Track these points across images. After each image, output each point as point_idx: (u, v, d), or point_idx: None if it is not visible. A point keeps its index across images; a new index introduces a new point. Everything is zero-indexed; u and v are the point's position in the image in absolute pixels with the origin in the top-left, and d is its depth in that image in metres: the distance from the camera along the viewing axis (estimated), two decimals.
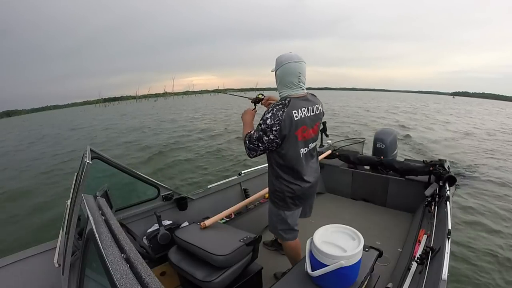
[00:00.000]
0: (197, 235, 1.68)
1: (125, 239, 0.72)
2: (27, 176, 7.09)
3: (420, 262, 1.54)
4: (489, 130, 12.94)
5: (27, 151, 11.15)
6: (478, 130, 12.76)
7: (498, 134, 11.70)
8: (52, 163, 8.31)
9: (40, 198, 5.26)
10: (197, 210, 2.20)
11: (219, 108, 26.75)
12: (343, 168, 3.24)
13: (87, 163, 1.19)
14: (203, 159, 7.50)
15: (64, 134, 15.71)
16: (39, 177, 6.90)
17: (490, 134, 11.62)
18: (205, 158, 7.59)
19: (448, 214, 1.69)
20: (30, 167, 8.08)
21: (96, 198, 1.18)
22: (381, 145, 3.09)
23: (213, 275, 1.42)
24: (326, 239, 1.20)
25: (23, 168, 8.02)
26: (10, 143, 14.19)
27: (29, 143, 13.48)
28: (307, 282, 1.21)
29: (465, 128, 13.37)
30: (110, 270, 0.54)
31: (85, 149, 1.45)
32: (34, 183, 6.31)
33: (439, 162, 2.52)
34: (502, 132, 12.53)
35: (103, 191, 1.65)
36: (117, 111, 35.45)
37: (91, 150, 1.47)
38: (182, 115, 21.58)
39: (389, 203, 2.90)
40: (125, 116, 24.94)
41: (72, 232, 1.17)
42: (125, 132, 13.83)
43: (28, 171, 7.59)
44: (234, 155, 7.58)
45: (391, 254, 2.10)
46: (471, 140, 10.00)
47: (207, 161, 7.27)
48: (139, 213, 1.90)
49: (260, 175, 2.87)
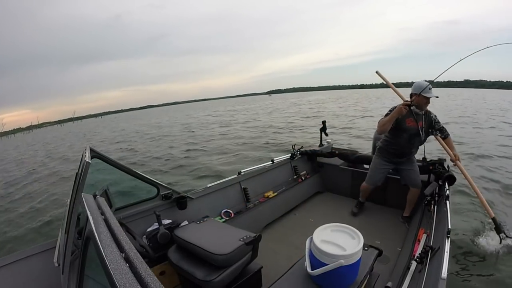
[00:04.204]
0: (196, 234, 1.68)
1: (124, 239, 0.72)
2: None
3: (419, 261, 1.55)
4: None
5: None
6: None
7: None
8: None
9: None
10: (196, 209, 2.20)
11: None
12: (343, 167, 3.24)
13: (87, 162, 1.18)
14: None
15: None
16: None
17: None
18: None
19: (448, 213, 1.69)
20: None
21: (96, 198, 1.17)
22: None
23: (213, 275, 1.42)
24: (325, 238, 1.20)
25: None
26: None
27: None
28: (307, 281, 1.21)
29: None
30: (109, 270, 0.53)
31: (84, 148, 1.45)
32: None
33: (438, 161, 2.52)
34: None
35: (103, 190, 1.65)
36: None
37: (90, 149, 1.46)
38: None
39: (389, 202, 2.90)
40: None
41: (72, 232, 1.16)
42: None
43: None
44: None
45: (390, 253, 2.10)
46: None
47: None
48: (138, 212, 1.90)
49: (260, 174, 2.87)
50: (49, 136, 32.62)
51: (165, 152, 9.47)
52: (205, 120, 22.68)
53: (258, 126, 14.28)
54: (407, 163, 2.46)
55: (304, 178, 3.26)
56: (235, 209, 2.50)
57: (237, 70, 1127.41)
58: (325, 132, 3.62)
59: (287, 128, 12.72)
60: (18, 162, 12.68)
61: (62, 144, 18.86)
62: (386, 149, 2.47)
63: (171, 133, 15.36)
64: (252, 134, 11.75)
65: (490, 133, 9.02)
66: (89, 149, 1.44)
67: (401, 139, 2.32)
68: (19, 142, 30.78)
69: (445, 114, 13.90)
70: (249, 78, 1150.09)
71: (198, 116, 28.76)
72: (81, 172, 1.23)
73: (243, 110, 30.45)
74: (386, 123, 2.21)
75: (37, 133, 53.97)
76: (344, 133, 10.33)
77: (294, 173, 3.25)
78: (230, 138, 11.30)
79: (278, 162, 3.09)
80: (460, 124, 10.88)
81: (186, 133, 14.56)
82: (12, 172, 10.08)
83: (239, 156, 7.82)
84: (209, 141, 10.94)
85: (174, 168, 7.23)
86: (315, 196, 3.35)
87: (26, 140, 32.93)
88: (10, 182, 8.19)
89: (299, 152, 3.37)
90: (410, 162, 2.47)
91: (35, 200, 5.98)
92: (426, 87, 2.14)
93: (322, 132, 3.63)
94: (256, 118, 19.43)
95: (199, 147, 9.86)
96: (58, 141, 21.73)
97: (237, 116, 22.54)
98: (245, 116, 22.19)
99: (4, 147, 25.58)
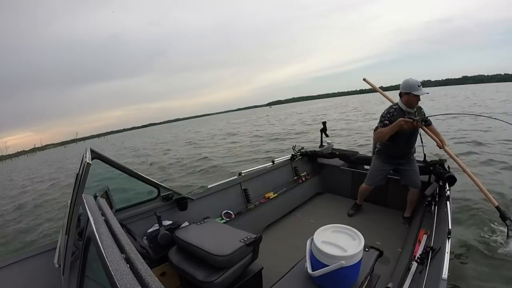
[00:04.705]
0: (197, 235, 1.68)
1: (125, 239, 0.72)
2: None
3: (420, 262, 1.54)
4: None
5: None
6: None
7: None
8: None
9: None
10: (197, 210, 2.20)
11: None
12: (343, 168, 3.24)
13: (87, 163, 1.18)
14: None
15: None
16: None
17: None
18: None
19: (448, 214, 1.69)
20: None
21: (96, 199, 1.18)
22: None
23: (214, 276, 1.41)
24: (326, 239, 1.20)
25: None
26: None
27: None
28: (308, 282, 1.21)
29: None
30: (110, 270, 0.53)
31: (85, 149, 1.45)
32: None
33: (439, 161, 2.52)
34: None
35: (103, 191, 1.65)
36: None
37: (91, 151, 1.46)
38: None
39: (389, 203, 2.90)
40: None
41: (72, 233, 1.16)
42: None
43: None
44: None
45: (391, 254, 2.10)
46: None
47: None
48: (139, 213, 1.90)
49: (260, 175, 2.87)
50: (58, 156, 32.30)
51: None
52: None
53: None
54: (406, 164, 2.46)
55: (304, 179, 3.25)
56: (235, 210, 2.50)
57: (236, 83, 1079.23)
58: (325, 133, 3.62)
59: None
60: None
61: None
62: (386, 151, 2.47)
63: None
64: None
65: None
66: (90, 150, 1.44)
67: (399, 141, 2.32)
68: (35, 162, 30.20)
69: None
70: (249, 91, 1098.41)
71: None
72: (81, 173, 1.23)
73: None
74: (386, 135, 2.25)
75: (40, 155, 53.52)
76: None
77: (294, 174, 3.25)
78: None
79: (278, 163, 3.09)
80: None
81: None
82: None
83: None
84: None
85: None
86: (316, 197, 3.35)
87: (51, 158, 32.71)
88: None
89: (300, 153, 3.37)
90: (410, 163, 2.47)
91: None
92: (416, 85, 2.17)
93: (323, 133, 3.63)
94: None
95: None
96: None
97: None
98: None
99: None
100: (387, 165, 2.52)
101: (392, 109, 2.32)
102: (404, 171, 2.48)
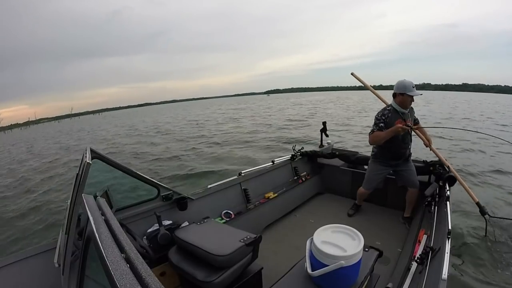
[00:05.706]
0: (197, 235, 1.68)
1: (125, 239, 0.72)
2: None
3: (420, 262, 1.54)
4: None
5: None
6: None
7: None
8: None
9: None
10: (197, 210, 2.20)
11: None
12: (343, 168, 3.24)
13: (87, 163, 1.18)
14: None
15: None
16: None
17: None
18: None
19: (448, 214, 1.69)
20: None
21: (96, 198, 1.18)
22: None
23: (213, 276, 1.41)
24: (326, 239, 1.20)
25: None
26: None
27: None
28: (307, 282, 1.21)
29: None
30: (110, 270, 0.53)
31: (85, 149, 1.45)
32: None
33: (439, 162, 2.52)
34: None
35: (103, 191, 1.65)
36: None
37: (91, 150, 1.46)
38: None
39: (389, 203, 2.90)
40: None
41: (72, 232, 1.16)
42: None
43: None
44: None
45: (391, 254, 2.10)
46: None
47: None
48: (139, 213, 1.90)
49: (260, 175, 2.87)
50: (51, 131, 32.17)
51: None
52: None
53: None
54: (403, 164, 2.47)
55: (304, 179, 3.25)
56: (235, 210, 2.50)
57: (236, 68, 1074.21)
58: (325, 133, 3.62)
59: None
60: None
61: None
62: (382, 154, 2.48)
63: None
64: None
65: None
66: (90, 150, 1.44)
67: (395, 142, 2.33)
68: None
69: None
70: (248, 77, 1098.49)
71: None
72: (81, 173, 1.23)
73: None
74: (382, 140, 2.28)
75: (34, 129, 53.37)
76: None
77: (294, 174, 3.25)
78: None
79: (278, 163, 3.09)
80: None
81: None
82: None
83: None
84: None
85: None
86: (316, 197, 3.35)
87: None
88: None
89: (300, 153, 3.37)
90: (406, 163, 2.48)
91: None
92: (410, 86, 2.21)
93: (322, 133, 3.63)
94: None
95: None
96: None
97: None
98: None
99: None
100: (385, 167, 2.52)
101: (386, 110, 2.33)
102: (401, 171, 2.49)
